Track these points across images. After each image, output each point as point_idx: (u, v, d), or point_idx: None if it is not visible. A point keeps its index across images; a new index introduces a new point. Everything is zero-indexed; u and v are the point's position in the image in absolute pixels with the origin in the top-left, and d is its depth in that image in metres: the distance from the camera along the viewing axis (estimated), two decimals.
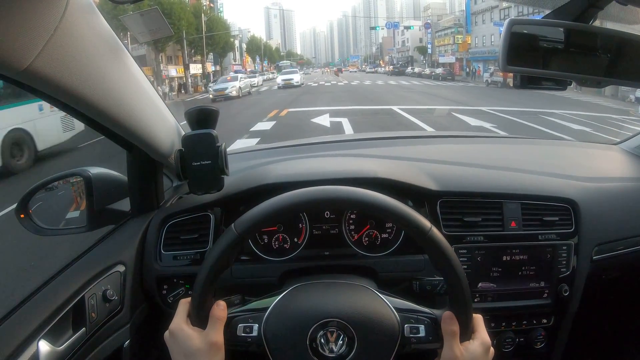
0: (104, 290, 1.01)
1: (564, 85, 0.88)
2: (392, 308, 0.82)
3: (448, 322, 0.77)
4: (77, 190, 1.17)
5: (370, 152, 1.61)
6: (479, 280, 1.19)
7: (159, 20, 0.95)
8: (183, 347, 0.77)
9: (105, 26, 0.80)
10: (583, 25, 0.81)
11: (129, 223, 1.19)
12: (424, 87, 28.76)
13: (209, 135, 1.09)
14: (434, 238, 0.76)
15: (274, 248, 1.20)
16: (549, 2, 0.87)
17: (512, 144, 2.00)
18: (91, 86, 0.77)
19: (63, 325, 0.91)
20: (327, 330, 0.78)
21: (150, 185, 1.20)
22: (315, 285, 0.89)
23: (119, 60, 0.85)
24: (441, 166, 1.40)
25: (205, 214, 1.19)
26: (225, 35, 45.69)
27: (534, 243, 1.20)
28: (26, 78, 0.66)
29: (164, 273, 1.15)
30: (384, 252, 1.18)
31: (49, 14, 0.63)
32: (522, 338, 1.25)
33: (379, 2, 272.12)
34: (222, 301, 0.81)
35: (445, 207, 1.22)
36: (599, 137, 8.71)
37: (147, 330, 1.16)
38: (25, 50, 0.61)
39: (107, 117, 0.86)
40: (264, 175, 1.25)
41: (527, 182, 1.30)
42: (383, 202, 0.77)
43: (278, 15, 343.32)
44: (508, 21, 0.78)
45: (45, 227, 1.11)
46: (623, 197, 1.36)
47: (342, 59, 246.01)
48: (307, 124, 10.89)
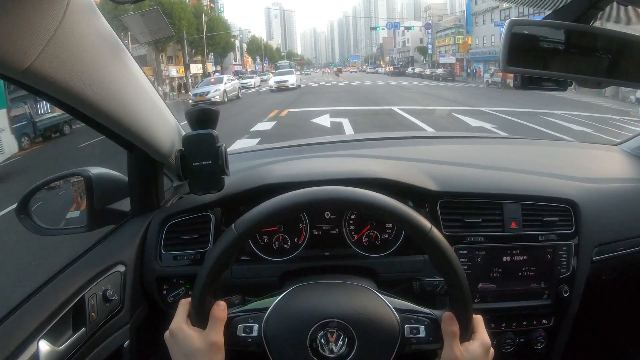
0: (104, 290, 1.01)
1: (564, 86, 0.88)
2: (392, 308, 0.82)
3: (448, 323, 0.77)
4: (77, 190, 1.17)
5: (371, 153, 1.61)
6: (479, 281, 1.19)
7: (160, 21, 0.95)
8: (183, 347, 0.77)
9: (106, 26, 0.80)
10: (583, 26, 0.81)
11: (129, 223, 1.19)
12: (424, 87, 28.75)
13: (210, 135, 1.09)
14: (434, 238, 0.76)
15: (274, 248, 1.20)
16: (549, 3, 0.87)
17: (512, 144, 2.00)
18: (92, 86, 0.77)
19: (63, 325, 0.91)
20: (327, 331, 0.78)
21: (151, 185, 1.20)
22: (316, 285, 0.89)
23: (119, 61, 0.85)
24: (441, 167, 1.40)
25: (205, 214, 1.19)
26: (226, 35, 45.75)
27: (534, 244, 1.20)
28: (27, 78, 0.66)
29: (164, 273, 1.15)
30: (384, 252, 1.18)
31: (50, 14, 0.63)
32: (522, 338, 1.25)
33: (380, 3, 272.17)
34: (222, 301, 0.81)
35: (446, 207, 1.22)
36: (599, 137, 8.70)
37: (147, 330, 1.16)
38: (26, 50, 0.61)
39: (108, 117, 0.86)
40: (264, 176, 1.25)
41: (527, 183, 1.30)
42: (383, 203, 0.77)
43: (279, 15, 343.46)
44: (508, 22, 0.78)
45: (46, 226, 1.11)
46: (623, 197, 1.36)
47: (342, 60, 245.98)
48: (308, 124, 10.88)
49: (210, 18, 42.57)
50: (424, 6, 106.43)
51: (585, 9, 0.81)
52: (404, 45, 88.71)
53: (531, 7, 1.14)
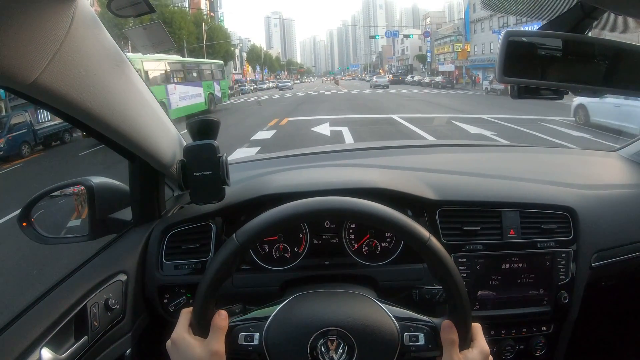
0: (106, 298, 1.02)
1: (560, 95, 0.89)
2: (391, 317, 0.82)
3: (447, 331, 0.78)
4: (78, 199, 1.18)
5: (370, 162, 1.62)
6: (479, 289, 1.19)
7: (162, 34, 0.96)
8: (185, 356, 0.77)
9: (109, 39, 0.81)
10: (578, 35, 0.82)
11: (130, 232, 1.20)
12: (423, 95, 28.83)
13: (210, 146, 1.10)
14: (433, 247, 0.76)
15: (274, 257, 1.21)
16: (544, 13, 0.89)
17: (511, 152, 2.01)
18: (95, 99, 0.78)
19: (65, 334, 0.92)
20: (328, 339, 0.79)
21: (152, 195, 1.21)
22: (316, 294, 0.90)
23: (122, 73, 0.87)
24: (440, 175, 1.40)
25: (206, 223, 1.20)
26: (226, 44, 45.99)
27: (532, 251, 1.21)
28: (33, 91, 0.67)
29: (166, 282, 1.16)
30: (383, 261, 1.19)
31: (56, 29, 0.64)
32: (522, 345, 1.25)
33: (379, 11, 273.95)
34: (224, 310, 0.81)
35: (445, 216, 1.22)
36: (598, 143, 8.71)
37: (149, 339, 1.16)
38: (32, 64, 0.62)
39: (111, 128, 0.87)
40: (264, 186, 1.26)
41: (525, 191, 1.31)
42: (382, 213, 0.77)
43: (278, 24, 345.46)
44: (504, 33, 0.79)
45: (48, 235, 1.12)
46: (622, 204, 1.36)
47: (342, 68, 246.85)
48: (307, 133, 10.89)
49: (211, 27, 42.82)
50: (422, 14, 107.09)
51: (580, 19, 0.82)
52: (403, 54, 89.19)
53: (527, 17, 1.16)
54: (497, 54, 0.79)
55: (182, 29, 33.05)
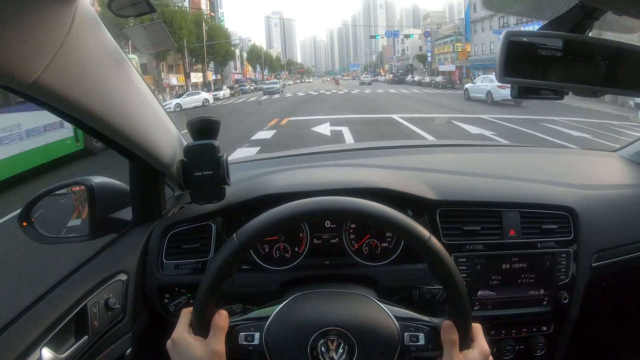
0: (106, 298, 1.02)
1: (560, 95, 0.89)
2: (392, 316, 0.82)
3: (447, 331, 0.78)
4: (78, 199, 1.18)
5: (371, 162, 1.62)
6: (479, 289, 1.19)
7: (162, 34, 0.97)
8: (185, 356, 0.77)
9: (110, 39, 0.81)
10: (579, 36, 0.82)
11: (131, 232, 1.20)
12: (424, 95, 28.79)
13: (211, 145, 1.10)
14: (433, 247, 0.76)
15: (274, 257, 1.21)
16: (545, 14, 0.89)
17: (511, 152, 2.01)
18: (96, 99, 0.78)
19: (66, 333, 0.92)
20: (328, 339, 0.79)
21: (153, 195, 1.21)
22: (316, 294, 0.90)
23: (123, 73, 0.87)
24: (441, 175, 1.41)
25: (206, 223, 1.20)
26: (226, 44, 46.06)
27: (533, 251, 1.21)
28: (33, 91, 0.67)
29: (166, 282, 1.16)
30: (384, 261, 1.19)
31: (56, 29, 0.64)
32: (522, 345, 1.25)
33: (379, 11, 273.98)
34: (224, 310, 0.81)
35: (445, 216, 1.22)
36: (598, 143, 8.71)
37: (149, 339, 1.16)
38: (33, 64, 0.62)
39: (111, 128, 0.87)
40: (265, 186, 1.26)
41: (526, 191, 1.31)
42: (382, 213, 0.78)
43: (278, 24, 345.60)
44: (504, 33, 0.79)
45: (48, 235, 1.12)
46: (622, 204, 1.36)
47: (342, 68, 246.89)
48: (308, 133, 10.88)
49: (211, 27, 42.88)
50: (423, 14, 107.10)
51: (580, 19, 0.82)
52: (404, 54, 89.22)
53: (527, 17, 1.16)
54: (497, 54, 0.79)
55: (183, 28, 33.07)
